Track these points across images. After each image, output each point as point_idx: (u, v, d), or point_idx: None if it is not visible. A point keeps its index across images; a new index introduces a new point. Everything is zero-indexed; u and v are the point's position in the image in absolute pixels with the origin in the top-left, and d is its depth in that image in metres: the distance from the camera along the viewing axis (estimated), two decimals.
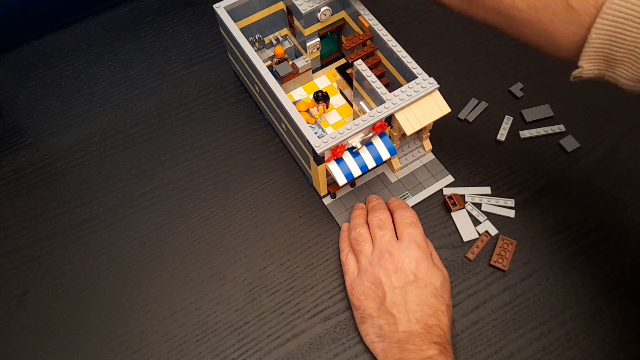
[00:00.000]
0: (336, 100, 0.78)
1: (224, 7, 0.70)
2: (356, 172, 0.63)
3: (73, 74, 0.86)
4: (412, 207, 0.70)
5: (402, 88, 0.63)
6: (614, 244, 0.67)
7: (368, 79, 0.65)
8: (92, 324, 0.66)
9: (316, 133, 0.70)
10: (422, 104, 0.63)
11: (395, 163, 0.72)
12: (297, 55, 0.79)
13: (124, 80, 0.85)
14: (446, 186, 0.72)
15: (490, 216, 0.69)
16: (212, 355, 0.63)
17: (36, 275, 0.69)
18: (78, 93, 0.84)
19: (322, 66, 0.80)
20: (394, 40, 0.67)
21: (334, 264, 0.68)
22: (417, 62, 0.65)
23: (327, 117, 0.76)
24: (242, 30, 0.71)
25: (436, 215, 0.70)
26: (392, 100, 0.62)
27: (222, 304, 0.66)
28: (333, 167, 0.63)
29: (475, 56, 0.83)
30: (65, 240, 0.71)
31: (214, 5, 0.70)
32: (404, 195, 0.71)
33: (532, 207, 0.70)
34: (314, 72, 0.79)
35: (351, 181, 0.68)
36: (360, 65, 0.66)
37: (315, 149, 0.60)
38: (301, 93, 0.78)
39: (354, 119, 0.74)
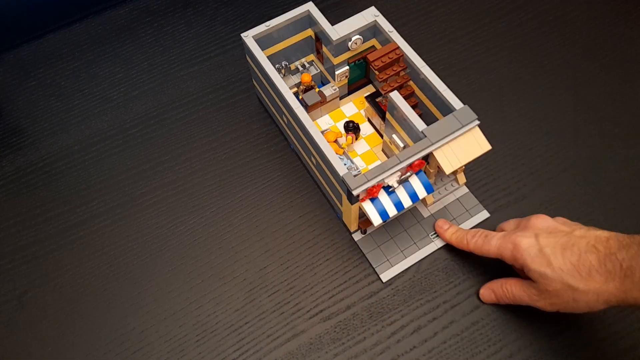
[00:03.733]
0: (364, 129, 0.75)
1: (252, 37, 0.67)
2: (392, 211, 0.60)
3: (73, 74, 0.86)
4: (441, 247, 0.68)
5: (441, 122, 0.59)
6: None
7: (405, 113, 0.61)
8: (92, 324, 0.66)
9: (345, 164, 0.67)
10: (461, 141, 0.60)
11: (429, 198, 0.69)
12: (324, 81, 0.77)
13: (124, 80, 0.85)
14: (481, 222, 0.69)
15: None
16: (212, 355, 0.63)
17: (36, 275, 0.69)
18: (78, 93, 0.84)
19: (349, 92, 0.77)
20: (431, 71, 0.64)
21: (334, 264, 0.68)
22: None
23: (355, 146, 0.74)
24: (269, 57, 0.68)
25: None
26: (431, 137, 0.58)
27: (222, 304, 0.66)
28: (368, 207, 0.60)
29: (476, 56, 0.83)
30: (65, 240, 0.71)
31: (242, 35, 0.68)
32: (436, 233, 0.68)
33: (532, 207, 0.70)
34: (340, 98, 0.77)
35: None
36: (397, 97, 0.62)
37: (352, 191, 0.57)
38: (327, 121, 0.76)
39: (383, 149, 0.72)
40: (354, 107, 0.78)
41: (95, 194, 0.75)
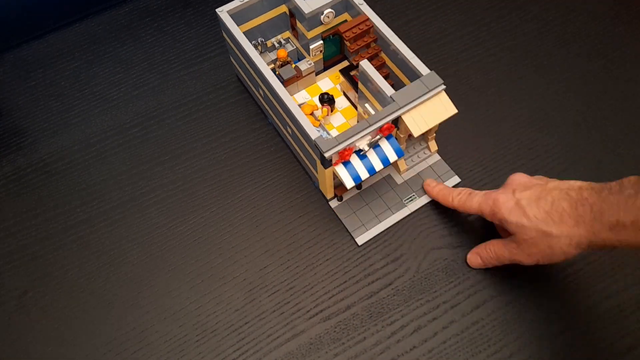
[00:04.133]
0: (340, 102, 0.77)
1: (227, 12, 0.69)
2: (364, 174, 0.63)
3: (73, 74, 0.86)
4: (417, 209, 0.70)
5: (408, 87, 0.62)
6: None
7: (374, 79, 0.64)
8: (92, 324, 0.66)
9: (321, 136, 0.70)
10: (428, 105, 0.63)
11: (402, 165, 0.71)
12: (300, 58, 0.79)
13: (124, 80, 0.85)
14: (453, 186, 0.72)
15: None
16: (212, 355, 0.63)
17: (36, 275, 0.69)
18: (78, 93, 0.84)
19: (325, 68, 0.80)
20: (399, 40, 0.67)
21: (334, 264, 0.68)
22: None
23: (332, 119, 0.76)
24: (245, 33, 0.70)
25: (439, 215, 0.70)
26: (399, 101, 0.62)
27: (222, 304, 0.66)
28: (341, 170, 0.62)
29: (476, 56, 0.83)
30: (65, 240, 0.71)
31: (217, 10, 0.70)
32: (410, 197, 0.71)
33: None
34: (316, 74, 0.79)
35: (358, 184, 0.68)
36: (366, 65, 0.65)
37: (324, 153, 0.59)
38: (304, 96, 0.78)
39: (358, 121, 0.74)
40: (330, 82, 0.79)
41: (95, 194, 0.75)
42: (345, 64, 0.80)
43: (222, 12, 0.70)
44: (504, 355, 0.61)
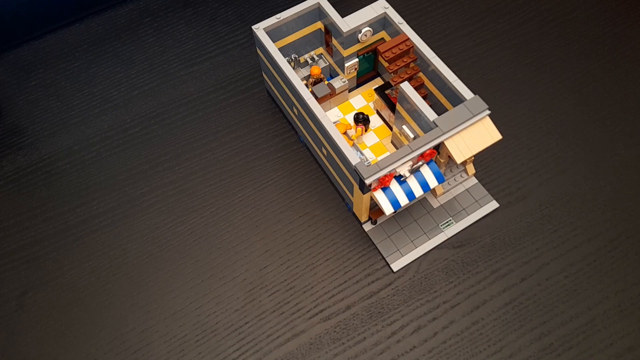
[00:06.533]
0: (373, 121, 0.75)
1: (263, 29, 0.68)
2: (403, 200, 0.60)
3: (73, 74, 0.86)
4: (455, 234, 0.68)
5: (452, 112, 0.60)
6: (616, 246, 0.67)
7: (416, 103, 0.61)
8: (92, 324, 0.66)
9: (362, 162, 0.68)
10: (472, 131, 0.60)
11: (438, 188, 0.67)
12: (332, 74, 0.77)
13: (124, 80, 0.85)
14: (490, 212, 0.70)
15: (490, 215, 0.70)
16: (212, 355, 0.63)
17: (36, 275, 0.69)
18: (78, 93, 0.84)
19: (358, 85, 0.78)
20: (442, 62, 0.64)
21: (334, 264, 0.68)
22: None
23: (365, 138, 0.74)
24: (279, 50, 0.69)
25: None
26: (442, 127, 0.59)
27: (222, 304, 0.66)
28: (380, 196, 0.60)
29: (476, 56, 0.83)
30: (65, 240, 0.71)
31: (253, 27, 0.68)
32: (447, 222, 0.69)
33: (532, 207, 0.70)
34: (349, 91, 0.77)
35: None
36: (407, 88, 0.62)
37: (365, 180, 0.57)
38: (336, 113, 0.76)
39: (392, 141, 0.73)
40: (362, 100, 0.78)
41: (95, 194, 0.75)
42: (378, 82, 0.78)
43: (259, 29, 0.68)
44: (504, 355, 0.61)
